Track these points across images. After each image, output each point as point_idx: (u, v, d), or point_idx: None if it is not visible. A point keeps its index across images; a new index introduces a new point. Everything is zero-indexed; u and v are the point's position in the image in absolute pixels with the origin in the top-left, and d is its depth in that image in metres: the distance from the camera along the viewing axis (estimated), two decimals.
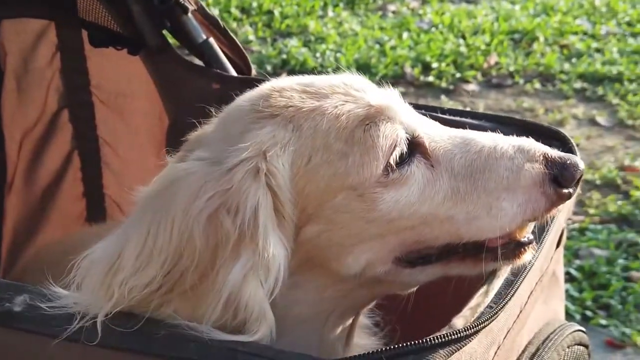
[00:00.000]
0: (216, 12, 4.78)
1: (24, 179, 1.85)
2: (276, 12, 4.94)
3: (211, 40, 1.72)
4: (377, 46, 4.48)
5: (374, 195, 1.02)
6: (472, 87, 4.13)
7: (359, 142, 1.02)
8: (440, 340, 0.92)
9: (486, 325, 0.98)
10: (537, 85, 4.13)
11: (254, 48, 4.50)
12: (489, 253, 1.05)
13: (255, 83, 1.17)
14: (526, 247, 1.08)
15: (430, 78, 4.16)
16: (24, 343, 0.99)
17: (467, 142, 1.07)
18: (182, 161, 1.07)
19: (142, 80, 1.80)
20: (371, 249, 1.04)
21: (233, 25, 4.77)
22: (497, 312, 1.01)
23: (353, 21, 4.94)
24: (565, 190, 1.05)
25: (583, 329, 1.28)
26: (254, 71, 1.77)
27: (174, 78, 1.73)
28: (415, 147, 1.06)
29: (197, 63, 1.75)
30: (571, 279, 2.65)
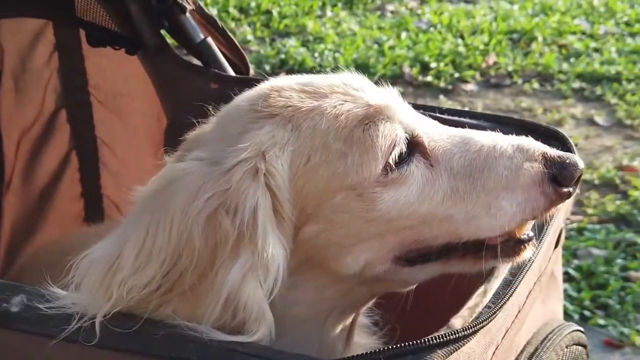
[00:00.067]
0: (214, 12, 4.77)
1: (22, 179, 1.85)
2: (274, 12, 4.94)
3: (209, 40, 1.72)
4: (376, 46, 4.48)
5: (373, 195, 1.02)
6: (471, 87, 4.13)
7: (358, 142, 1.02)
8: (438, 340, 0.92)
9: (484, 325, 0.98)
10: (536, 85, 4.13)
11: (253, 48, 4.50)
12: (489, 250, 1.05)
13: (253, 83, 1.17)
14: (526, 245, 1.08)
15: (428, 78, 4.16)
16: (21, 343, 0.98)
17: (467, 142, 1.07)
18: (181, 161, 1.06)
19: (140, 80, 1.80)
20: (370, 249, 1.04)
21: (231, 25, 4.77)
22: (496, 312, 1.01)
23: (351, 21, 4.94)
24: (564, 189, 1.05)
25: (581, 329, 1.28)
26: (252, 71, 1.77)
27: (172, 78, 1.73)
28: (414, 147, 1.05)
29: (196, 63, 1.74)
30: (569, 279, 2.65)
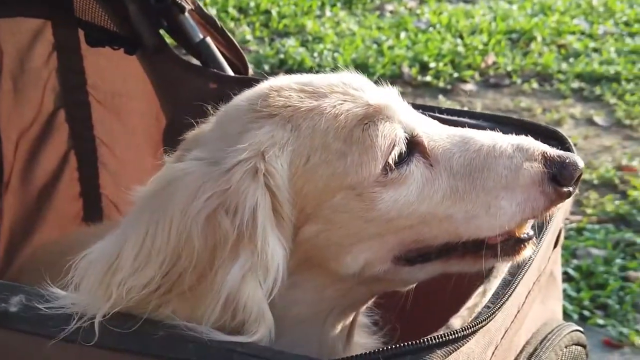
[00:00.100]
0: (214, 12, 4.77)
1: (21, 179, 1.85)
2: (274, 12, 4.94)
3: (208, 39, 1.71)
4: (375, 46, 4.48)
5: (373, 194, 1.01)
6: (470, 87, 4.13)
7: (358, 142, 1.02)
8: (437, 340, 0.92)
9: (484, 325, 0.98)
10: (535, 85, 4.13)
11: (252, 48, 4.50)
12: (489, 250, 1.05)
13: (252, 83, 1.17)
14: (526, 243, 1.08)
15: (427, 78, 4.15)
16: (20, 343, 0.98)
17: (466, 141, 1.06)
18: (180, 161, 1.06)
19: (139, 79, 1.80)
20: (370, 249, 1.04)
21: (231, 24, 4.77)
22: (495, 312, 1.01)
23: (350, 21, 4.94)
24: (564, 188, 1.05)
25: (581, 329, 1.28)
26: (251, 71, 1.77)
27: (171, 78, 1.73)
28: (414, 146, 1.05)
29: (195, 63, 1.74)
30: (569, 279, 2.65)
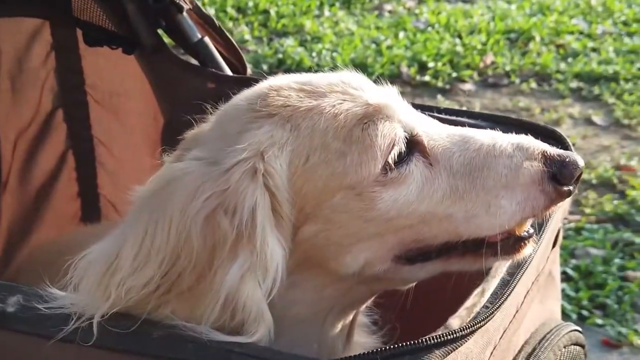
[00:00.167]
0: (212, 12, 4.77)
1: (19, 179, 1.84)
2: (272, 12, 4.94)
3: (206, 39, 1.71)
4: (374, 46, 4.48)
5: (373, 194, 1.01)
6: (469, 87, 4.13)
7: (357, 141, 1.01)
8: (436, 340, 0.92)
9: (482, 325, 0.98)
10: (533, 84, 4.14)
11: (250, 47, 4.49)
12: (489, 248, 1.05)
13: (250, 82, 1.17)
14: (526, 242, 1.08)
15: (426, 77, 4.15)
16: (18, 344, 0.98)
17: (466, 140, 1.06)
18: (179, 160, 1.06)
19: (137, 79, 1.79)
20: (370, 248, 1.04)
21: (229, 24, 4.77)
22: (493, 312, 1.00)
23: (349, 21, 4.94)
24: (564, 187, 1.05)
25: (579, 329, 1.28)
26: (250, 70, 1.76)
27: (169, 77, 1.72)
28: (413, 146, 1.05)
29: (193, 62, 1.74)
30: (567, 279, 2.64)
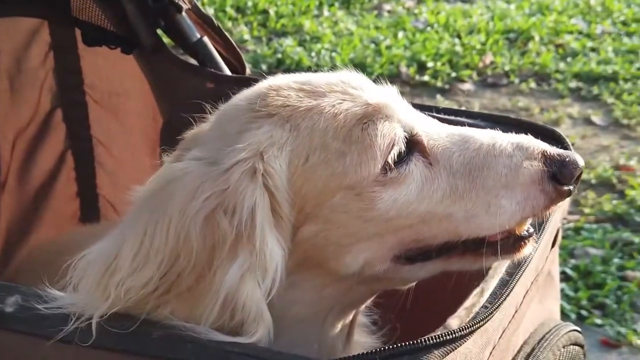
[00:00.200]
0: (211, 12, 4.77)
1: (17, 179, 1.84)
2: (271, 12, 4.93)
3: (205, 39, 1.71)
4: (373, 45, 4.48)
5: (372, 194, 1.01)
6: (468, 87, 4.13)
7: (357, 141, 1.01)
8: (435, 340, 0.92)
9: (481, 325, 0.98)
10: (533, 84, 4.14)
11: (249, 47, 4.49)
12: (489, 247, 1.04)
13: (249, 82, 1.17)
14: (526, 241, 1.08)
15: (425, 77, 4.15)
16: (17, 344, 0.98)
17: (466, 140, 1.06)
18: (179, 160, 1.06)
19: (136, 79, 1.79)
20: (369, 248, 1.04)
21: (228, 24, 4.76)
22: (492, 312, 1.00)
23: (348, 20, 4.94)
24: (564, 187, 1.05)
25: (578, 329, 1.28)
26: (249, 70, 1.76)
27: (168, 77, 1.72)
28: (413, 146, 1.05)
29: (192, 62, 1.74)
30: (566, 279, 2.64)
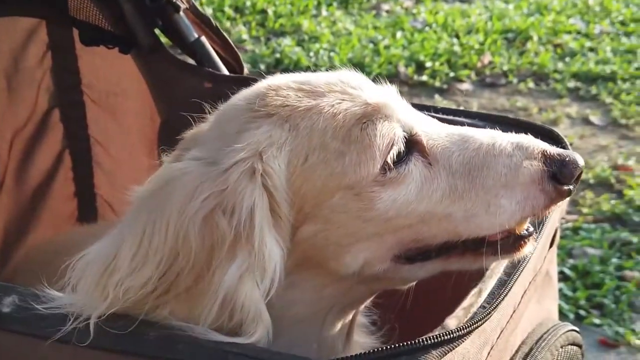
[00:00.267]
0: (210, 11, 4.77)
1: (15, 179, 1.84)
2: (270, 12, 4.93)
3: (203, 39, 1.71)
4: (371, 45, 4.48)
5: (372, 194, 1.01)
6: (466, 87, 4.13)
7: (356, 141, 1.01)
8: (433, 340, 0.92)
9: (479, 325, 0.98)
10: (531, 84, 4.14)
11: (248, 47, 4.49)
12: (489, 247, 1.04)
13: (247, 82, 1.17)
14: (526, 240, 1.08)
15: (424, 77, 4.15)
16: (14, 344, 0.97)
17: (465, 140, 1.06)
18: (178, 160, 1.06)
19: (134, 79, 1.79)
20: (369, 248, 1.03)
21: (227, 24, 4.76)
22: (490, 312, 1.00)
23: (347, 20, 4.94)
24: (564, 187, 1.05)
25: (576, 329, 1.28)
26: (247, 70, 1.76)
27: (166, 77, 1.72)
28: (412, 145, 1.05)
29: (190, 62, 1.74)
30: (565, 278, 2.65)
